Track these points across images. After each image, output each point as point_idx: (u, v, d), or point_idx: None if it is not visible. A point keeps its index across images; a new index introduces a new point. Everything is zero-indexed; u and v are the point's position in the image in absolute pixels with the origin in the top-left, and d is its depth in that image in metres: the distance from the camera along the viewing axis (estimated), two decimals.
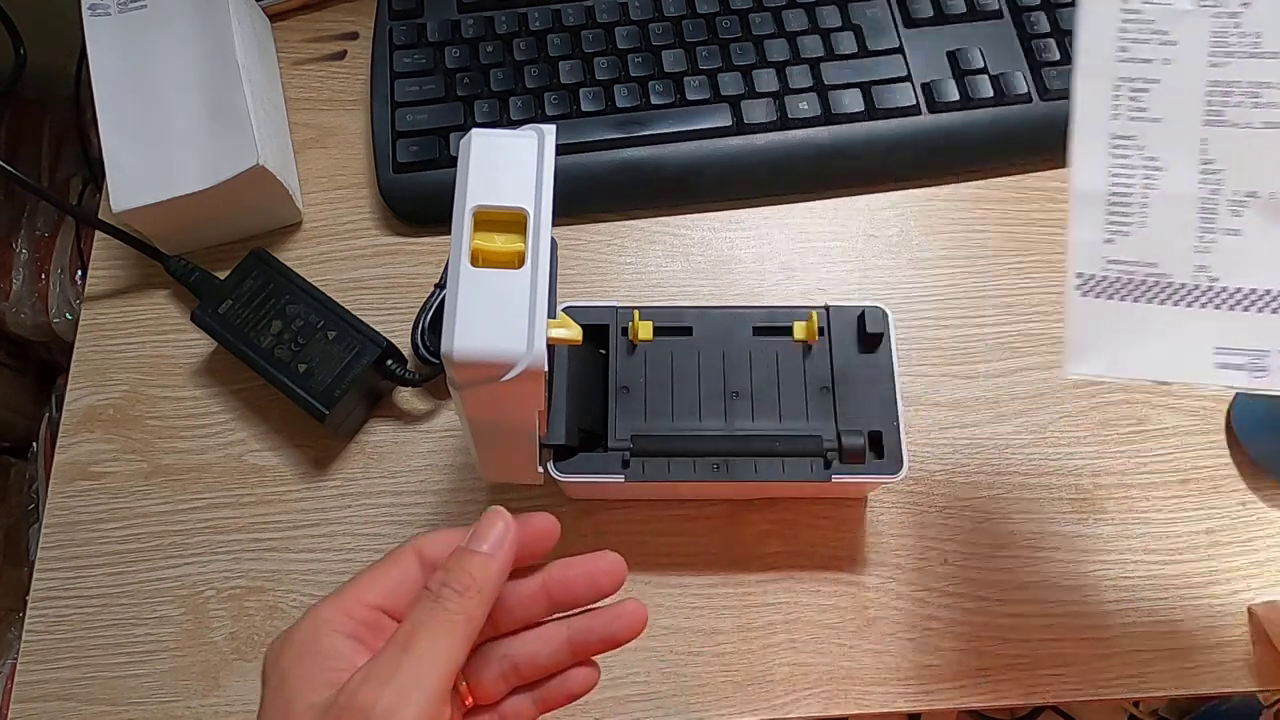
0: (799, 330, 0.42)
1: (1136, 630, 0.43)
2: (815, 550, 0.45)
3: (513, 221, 0.29)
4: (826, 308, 0.43)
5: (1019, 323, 0.49)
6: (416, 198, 0.51)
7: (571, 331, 0.31)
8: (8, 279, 0.76)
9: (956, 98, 0.51)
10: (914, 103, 0.51)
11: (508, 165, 0.30)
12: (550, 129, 0.30)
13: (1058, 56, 0.52)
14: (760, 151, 0.51)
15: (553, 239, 0.31)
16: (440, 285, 0.49)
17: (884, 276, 0.50)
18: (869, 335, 0.42)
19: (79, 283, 0.77)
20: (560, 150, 0.31)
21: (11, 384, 0.84)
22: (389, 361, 0.46)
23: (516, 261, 0.29)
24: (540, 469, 0.39)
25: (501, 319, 0.28)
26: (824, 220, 0.52)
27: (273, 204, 0.50)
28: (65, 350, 0.65)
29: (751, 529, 0.45)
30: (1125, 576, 0.44)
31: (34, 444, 0.82)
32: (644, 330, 0.42)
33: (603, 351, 0.42)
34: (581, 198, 0.51)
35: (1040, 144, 0.52)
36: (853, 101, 0.51)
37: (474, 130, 0.30)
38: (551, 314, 0.31)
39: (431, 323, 0.47)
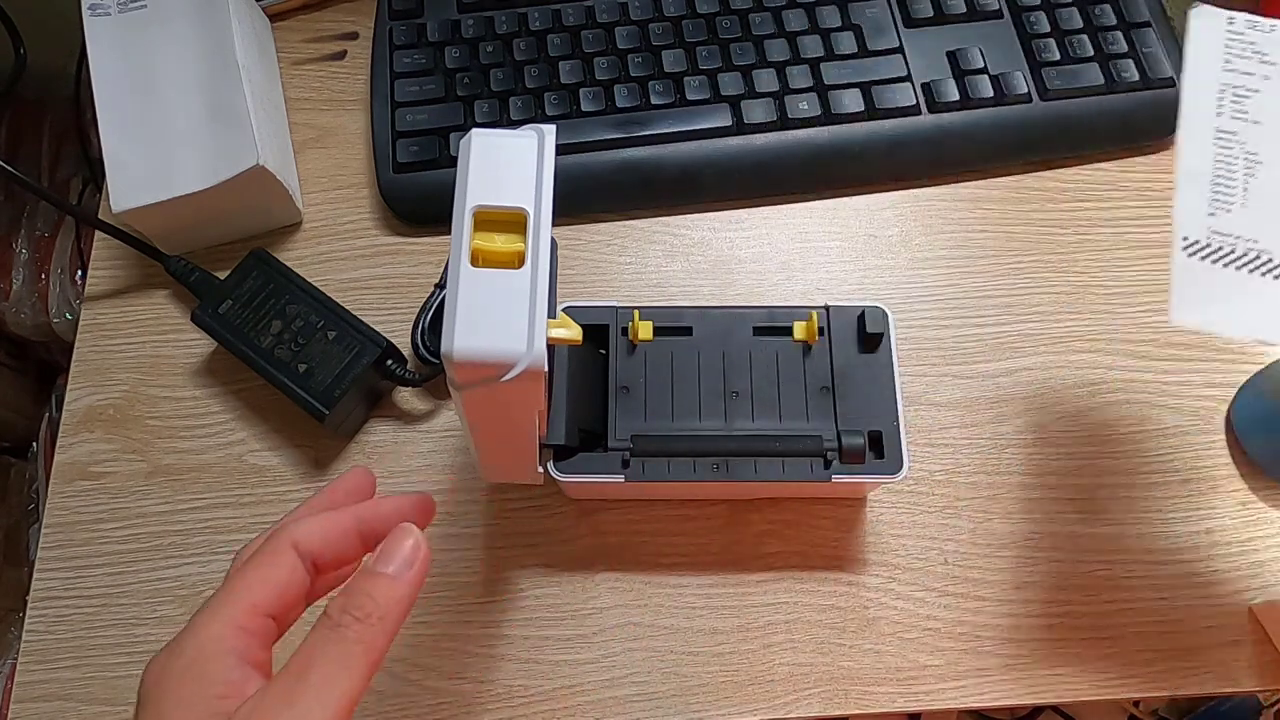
0: (799, 330, 0.42)
1: (1136, 630, 0.43)
2: (815, 550, 0.45)
3: (513, 221, 0.29)
4: (826, 308, 0.43)
5: (1019, 323, 0.49)
6: (416, 198, 0.51)
7: (571, 331, 0.31)
8: (8, 279, 0.76)
9: (956, 98, 0.51)
10: (914, 103, 0.51)
11: (508, 165, 0.30)
12: (550, 129, 0.30)
13: (1058, 56, 0.52)
14: (760, 151, 0.51)
15: (553, 239, 0.31)
16: (440, 285, 0.49)
17: (884, 276, 0.50)
18: (869, 335, 0.42)
19: (79, 283, 0.77)
20: (560, 150, 0.31)
21: (11, 384, 0.84)
22: (389, 361, 0.46)
23: (516, 261, 0.29)
24: (540, 469, 0.39)
25: (501, 319, 0.28)
26: (824, 220, 0.52)
27: (273, 204, 0.50)
28: (65, 350, 0.65)
29: (751, 529, 0.45)
30: (1125, 576, 0.44)
31: (34, 444, 0.82)
32: (644, 330, 0.42)
33: (603, 351, 0.42)
34: (581, 198, 0.51)
35: (1040, 144, 0.52)
36: (853, 101, 0.51)
37: (474, 130, 0.30)
38: (551, 314, 0.31)
39: (431, 323, 0.47)
